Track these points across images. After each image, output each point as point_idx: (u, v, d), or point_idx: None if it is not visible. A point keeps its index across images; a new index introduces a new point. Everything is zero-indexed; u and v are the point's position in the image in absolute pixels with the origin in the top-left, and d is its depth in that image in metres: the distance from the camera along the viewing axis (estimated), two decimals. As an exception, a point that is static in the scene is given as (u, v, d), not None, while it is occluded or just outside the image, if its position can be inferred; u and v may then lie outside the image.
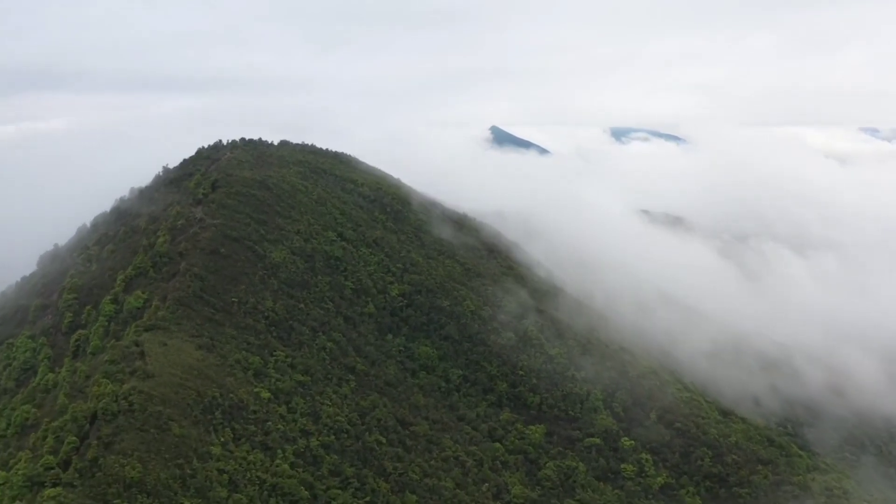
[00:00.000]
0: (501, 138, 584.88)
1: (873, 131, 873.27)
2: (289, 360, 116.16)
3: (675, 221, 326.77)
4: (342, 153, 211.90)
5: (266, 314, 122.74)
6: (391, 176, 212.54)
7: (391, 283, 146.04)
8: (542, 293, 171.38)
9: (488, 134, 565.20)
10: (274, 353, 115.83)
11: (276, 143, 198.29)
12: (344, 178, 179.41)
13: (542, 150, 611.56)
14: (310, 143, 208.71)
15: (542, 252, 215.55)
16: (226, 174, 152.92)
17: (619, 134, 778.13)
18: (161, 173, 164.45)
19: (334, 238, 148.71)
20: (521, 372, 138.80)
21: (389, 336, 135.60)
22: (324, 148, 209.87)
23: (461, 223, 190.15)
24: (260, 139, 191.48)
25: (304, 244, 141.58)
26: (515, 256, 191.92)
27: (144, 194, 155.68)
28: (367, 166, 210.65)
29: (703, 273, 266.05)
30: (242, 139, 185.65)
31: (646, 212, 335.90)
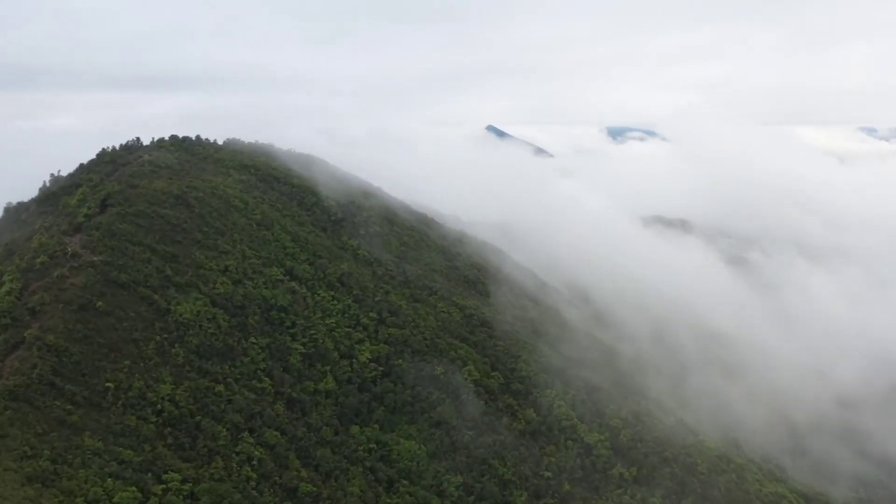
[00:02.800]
0: (498, 137, 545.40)
1: (871, 130, 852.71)
2: (187, 488, 72.22)
3: (680, 226, 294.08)
4: (307, 155, 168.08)
5: (159, 407, 78.68)
6: (371, 184, 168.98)
7: (361, 342, 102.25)
8: (568, 342, 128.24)
9: (484, 133, 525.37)
10: (164, 477, 71.86)
11: (221, 141, 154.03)
12: (304, 188, 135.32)
13: (539, 150, 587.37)
14: (267, 143, 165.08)
15: (546, 269, 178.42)
16: (128, 186, 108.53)
17: (616, 133, 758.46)
18: (48, 184, 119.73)
19: (280, 277, 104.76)
20: (547, 474, 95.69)
21: (355, 427, 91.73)
22: (285, 149, 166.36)
23: (459, 247, 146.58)
24: (198, 137, 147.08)
25: (232, 289, 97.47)
26: (527, 288, 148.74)
27: (11, 214, 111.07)
28: (341, 172, 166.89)
29: (724, 291, 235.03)
30: (173, 136, 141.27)
31: (657, 217, 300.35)
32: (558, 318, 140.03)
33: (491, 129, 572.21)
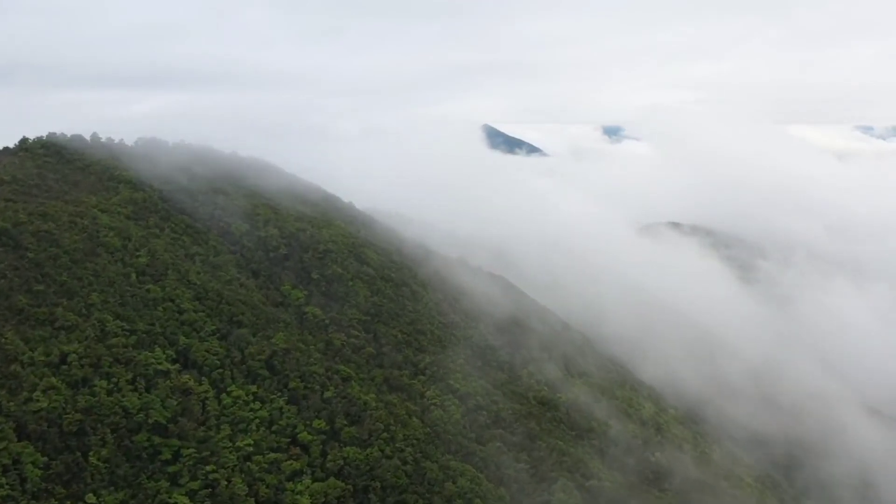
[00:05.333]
0: (494, 138, 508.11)
1: (867, 129, 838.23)
2: None
3: (679, 231, 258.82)
4: (257, 159, 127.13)
5: None
6: (339, 200, 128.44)
7: (297, 476, 60.80)
8: (615, 435, 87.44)
9: (481, 133, 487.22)
10: None
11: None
12: (233, 210, 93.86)
13: (536, 150, 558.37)
14: (202, 144, 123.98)
15: (547, 289, 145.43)
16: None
17: (612, 132, 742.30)
18: None
19: (164, 366, 63.12)
20: None
21: None
22: (229, 151, 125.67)
23: (458, 287, 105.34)
24: (94, 135, 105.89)
25: (65, 398, 55.88)
26: (553, 343, 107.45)
27: None
28: (302, 183, 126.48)
29: (749, 315, 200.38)
30: (51, 135, 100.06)
31: (655, 224, 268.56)
32: (596, 391, 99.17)
33: (487, 128, 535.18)
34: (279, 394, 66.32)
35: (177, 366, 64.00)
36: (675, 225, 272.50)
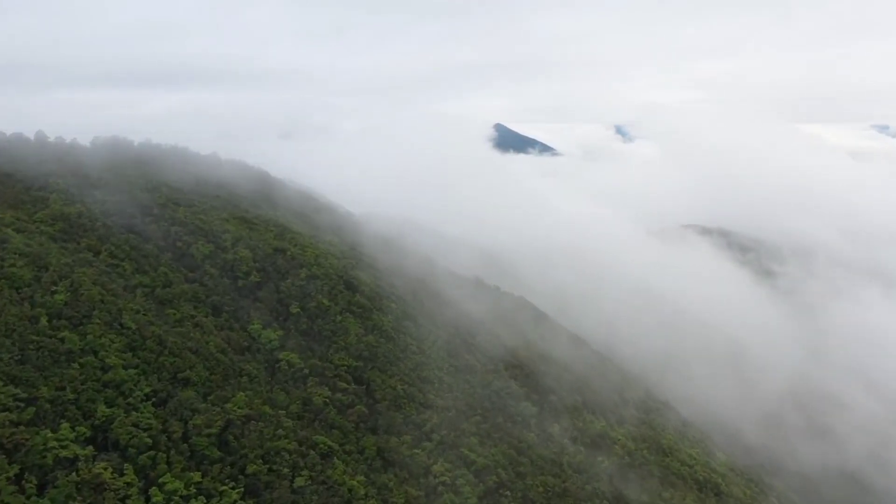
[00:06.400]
0: (506, 137, 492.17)
1: (883, 128, 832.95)
2: None
3: (694, 234, 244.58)
4: (237, 162, 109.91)
5: None
6: (337, 211, 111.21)
7: None
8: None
9: (492, 132, 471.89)
10: None
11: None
12: (197, 227, 76.32)
13: (548, 149, 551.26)
14: (174, 144, 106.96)
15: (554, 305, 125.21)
16: None
17: (625, 131, 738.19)
18: None
19: (68, 449, 45.42)
20: None
21: None
22: (207, 153, 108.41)
23: (471, 319, 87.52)
24: (39, 133, 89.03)
25: None
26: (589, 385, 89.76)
27: None
28: (296, 191, 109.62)
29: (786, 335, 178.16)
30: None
31: (691, 227, 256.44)
32: (641, 445, 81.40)
33: (499, 128, 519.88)
34: (232, 483, 48.70)
35: (90, 449, 46.49)
36: (691, 227, 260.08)
